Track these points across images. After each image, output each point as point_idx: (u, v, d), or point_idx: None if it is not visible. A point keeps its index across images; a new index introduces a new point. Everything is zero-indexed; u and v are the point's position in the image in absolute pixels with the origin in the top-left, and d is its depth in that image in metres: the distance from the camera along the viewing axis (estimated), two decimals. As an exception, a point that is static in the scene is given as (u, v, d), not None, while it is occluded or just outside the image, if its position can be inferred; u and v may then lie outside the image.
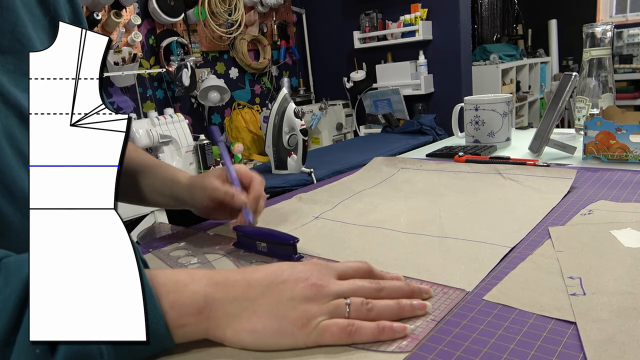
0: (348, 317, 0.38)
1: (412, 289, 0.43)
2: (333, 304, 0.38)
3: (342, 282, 0.40)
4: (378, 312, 0.39)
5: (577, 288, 0.42)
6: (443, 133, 2.57)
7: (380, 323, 0.38)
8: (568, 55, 4.53)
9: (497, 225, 0.59)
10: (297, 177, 1.72)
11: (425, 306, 0.41)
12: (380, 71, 2.96)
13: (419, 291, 0.43)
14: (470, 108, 1.13)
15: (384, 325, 0.37)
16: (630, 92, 4.16)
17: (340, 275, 0.42)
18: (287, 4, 3.15)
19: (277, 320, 0.37)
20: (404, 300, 0.41)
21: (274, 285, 0.39)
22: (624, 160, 0.86)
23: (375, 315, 0.39)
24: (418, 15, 2.77)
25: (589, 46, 1.13)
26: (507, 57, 3.74)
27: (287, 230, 0.64)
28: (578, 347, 0.35)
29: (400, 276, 0.46)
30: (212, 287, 0.38)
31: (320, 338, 0.37)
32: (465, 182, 0.81)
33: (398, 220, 0.65)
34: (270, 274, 0.40)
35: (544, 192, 0.71)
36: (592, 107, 1.13)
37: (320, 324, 0.37)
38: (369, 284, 0.41)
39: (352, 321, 0.37)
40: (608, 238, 0.51)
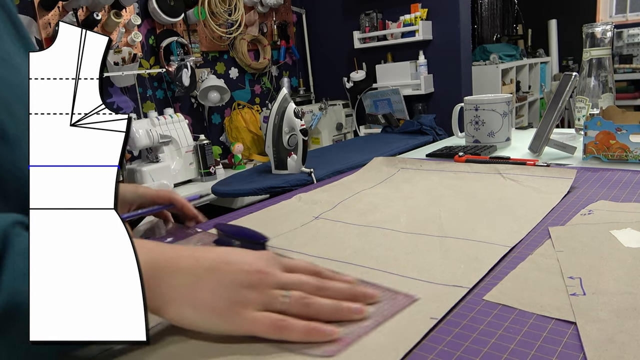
0: (286, 309, 0.38)
1: (356, 292, 0.42)
2: (272, 293, 0.38)
3: (286, 274, 0.40)
4: (316, 309, 0.39)
5: (577, 288, 0.42)
6: (443, 133, 2.57)
7: (312, 324, 0.37)
8: (568, 55, 4.53)
9: (497, 225, 0.59)
10: (297, 177, 1.72)
11: (363, 311, 0.40)
12: (380, 71, 2.96)
13: (363, 295, 0.42)
14: (470, 108, 1.13)
15: (315, 326, 0.37)
16: (630, 92, 4.16)
17: (287, 269, 0.41)
18: (287, 4, 3.15)
19: (216, 300, 0.37)
20: (344, 302, 0.40)
21: (219, 265, 0.39)
22: (624, 160, 0.86)
23: (312, 311, 0.38)
24: (418, 15, 2.77)
25: (589, 46, 1.13)
26: (507, 57, 3.74)
27: (287, 230, 0.64)
28: (578, 347, 0.35)
29: (353, 280, 0.45)
30: (160, 257, 0.38)
31: (252, 327, 0.37)
32: (466, 182, 0.81)
33: (398, 220, 0.65)
34: (219, 254, 0.40)
35: (544, 192, 0.71)
36: (592, 107, 1.13)
37: (253, 314, 0.37)
38: (314, 280, 0.41)
39: (285, 317, 0.37)
40: (608, 238, 0.51)
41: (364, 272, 0.50)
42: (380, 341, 0.37)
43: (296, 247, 0.59)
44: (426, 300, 0.43)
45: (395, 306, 0.42)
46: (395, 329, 0.39)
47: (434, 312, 0.41)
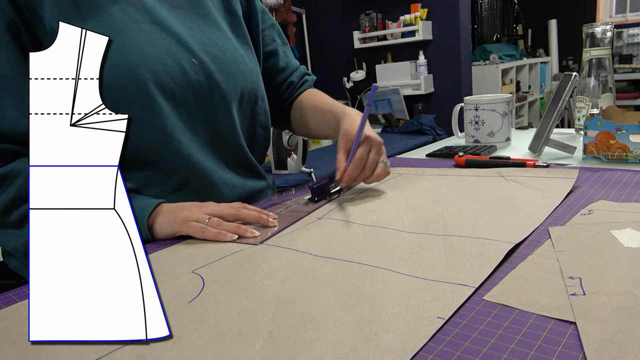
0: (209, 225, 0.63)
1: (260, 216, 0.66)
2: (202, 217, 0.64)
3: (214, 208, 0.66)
4: (223, 227, 0.63)
5: (577, 288, 0.42)
6: (443, 133, 2.58)
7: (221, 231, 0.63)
8: (568, 55, 4.53)
9: (500, 224, 0.59)
10: (297, 177, 1.72)
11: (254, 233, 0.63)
12: (380, 71, 2.97)
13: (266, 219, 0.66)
14: (470, 108, 1.13)
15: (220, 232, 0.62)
16: (630, 92, 4.16)
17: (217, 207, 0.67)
18: (287, 4, 3.15)
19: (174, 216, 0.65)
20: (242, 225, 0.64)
21: (186, 205, 0.67)
22: (624, 160, 0.86)
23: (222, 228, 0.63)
24: (418, 15, 2.77)
25: (589, 46, 1.13)
26: (507, 57, 3.75)
27: (291, 231, 0.65)
28: (578, 347, 0.35)
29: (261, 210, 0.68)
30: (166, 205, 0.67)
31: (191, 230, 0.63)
32: (468, 183, 0.81)
33: (401, 219, 0.65)
34: (194, 203, 0.68)
35: (547, 191, 0.71)
36: (592, 107, 1.13)
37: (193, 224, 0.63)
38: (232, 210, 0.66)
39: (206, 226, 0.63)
40: (608, 238, 0.51)
41: (369, 271, 0.50)
42: (387, 341, 0.37)
43: (300, 246, 0.59)
44: (432, 299, 0.43)
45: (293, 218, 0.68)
46: (403, 329, 0.39)
47: (440, 311, 0.41)
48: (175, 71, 0.69)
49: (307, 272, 0.51)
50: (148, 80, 0.65)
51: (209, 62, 0.73)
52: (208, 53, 0.73)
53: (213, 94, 0.74)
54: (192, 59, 0.71)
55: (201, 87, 0.72)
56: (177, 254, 0.60)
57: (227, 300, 0.46)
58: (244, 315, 0.43)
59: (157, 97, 0.67)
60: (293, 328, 0.40)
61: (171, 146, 0.70)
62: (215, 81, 0.74)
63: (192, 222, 0.63)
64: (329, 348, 0.37)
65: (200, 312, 0.44)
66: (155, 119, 0.67)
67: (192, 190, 0.74)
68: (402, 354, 0.35)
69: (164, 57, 0.67)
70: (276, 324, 0.41)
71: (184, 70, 0.70)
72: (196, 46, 0.72)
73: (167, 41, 0.69)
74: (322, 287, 0.47)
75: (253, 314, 0.43)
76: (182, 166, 0.72)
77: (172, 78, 0.68)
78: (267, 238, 0.62)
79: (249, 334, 0.40)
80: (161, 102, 0.67)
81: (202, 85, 0.72)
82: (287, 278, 0.50)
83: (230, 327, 0.41)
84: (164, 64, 0.67)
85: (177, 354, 0.38)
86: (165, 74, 0.67)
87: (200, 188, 0.75)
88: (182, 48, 0.70)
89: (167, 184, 0.73)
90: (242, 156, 0.82)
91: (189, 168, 0.73)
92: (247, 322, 0.42)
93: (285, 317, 0.42)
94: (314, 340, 0.38)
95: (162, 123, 0.68)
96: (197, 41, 0.73)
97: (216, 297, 0.47)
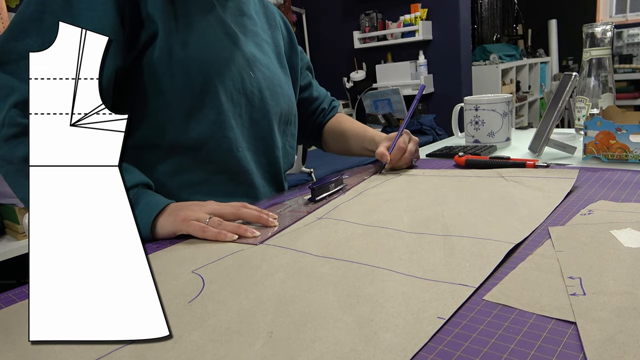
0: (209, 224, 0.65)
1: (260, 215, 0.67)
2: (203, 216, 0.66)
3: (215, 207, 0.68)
4: (223, 226, 0.64)
5: (577, 288, 0.42)
6: (443, 133, 2.58)
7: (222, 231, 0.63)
8: (568, 55, 4.53)
9: (500, 224, 0.59)
10: (297, 177, 1.72)
11: (254, 232, 0.64)
12: (380, 71, 2.97)
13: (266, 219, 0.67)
14: (470, 108, 1.13)
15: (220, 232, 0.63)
16: (630, 92, 4.16)
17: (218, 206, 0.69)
18: (287, 4, 3.15)
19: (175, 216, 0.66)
20: (242, 225, 0.65)
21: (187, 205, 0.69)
22: (624, 160, 0.86)
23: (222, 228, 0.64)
24: (418, 15, 2.77)
25: (589, 46, 1.13)
26: (507, 57, 3.75)
27: (290, 231, 0.65)
28: (578, 347, 0.35)
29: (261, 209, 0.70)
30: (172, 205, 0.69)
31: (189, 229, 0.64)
32: (468, 183, 0.81)
33: (401, 219, 0.65)
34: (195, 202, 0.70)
35: (547, 191, 0.71)
36: (592, 107, 1.13)
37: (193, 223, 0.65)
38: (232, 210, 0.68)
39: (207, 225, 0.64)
40: (608, 238, 0.51)
41: (369, 271, 0.50)
42: (388, 341, 0.37)
43: (300, 246, 0.59)
44: (432, 299, 0.43)
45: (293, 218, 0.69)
46: (403, 329, 0.39)
47: (440, 311, 0.41)
48: (236, 77, 0.82)
49: (307, 272, 0.51)
50: (214, 76, 0.79)
51: (261, 79, 0.87)
52: (261, 71, 0.88)
53: (261, 105, 0.87)
54: (250, 72, 0.85)
55: (253, 97, 0.85)
56: (177, 254, 0.60)
57: (227, 300, 0.46)
58: (244, 315, 0.43)
59: (220, 91, 0.80)
60: (293, 328, 0.40)
61: (218, 135, 0.80)
62: (264, 95, 0.87)
63: (193, 221, 0.65)
64: (329, 348, 0.37)
65: (200, 312, 0.44)
66: (211, 110, 0.79)
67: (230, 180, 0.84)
68: (402, 354, 0.35)
69: (229, 63, 0.82)
70: (276, 324, 0.41)
71: (242, 78, 0.83)
72: (254, 63, 0.87)
73: (234, 52, 0.83)
74: (322, 287, 0.47)
75: (253, 314, 0.43)
76: (223, 157, 0.82)
77: (232, 82, 0.82)
78: (267, 238, 0.62)
79: (249, 334, 0.40)
80: (221, 96, 0.80)
81: (254, 95, 0.85)
82: (287, 278, 0.50)
83: (230, 327, 0.41)
84: (228, 68, 0.81)
85: (177, 354, 0.38)
86: (228, 77, 0.81)
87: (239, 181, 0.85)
88: (244, 61, 0.85)
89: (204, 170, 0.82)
90: (275, 165, 0.93)
91: (231, 160, 0.83)
92: (247, 322, 0.42)
93: (285, 317, 0.42)
94: (314, 340, 0.38)
95: (218, 114, 0.80)
96: (255, 59, 0.87)
97: (216, 297, 0.47)
